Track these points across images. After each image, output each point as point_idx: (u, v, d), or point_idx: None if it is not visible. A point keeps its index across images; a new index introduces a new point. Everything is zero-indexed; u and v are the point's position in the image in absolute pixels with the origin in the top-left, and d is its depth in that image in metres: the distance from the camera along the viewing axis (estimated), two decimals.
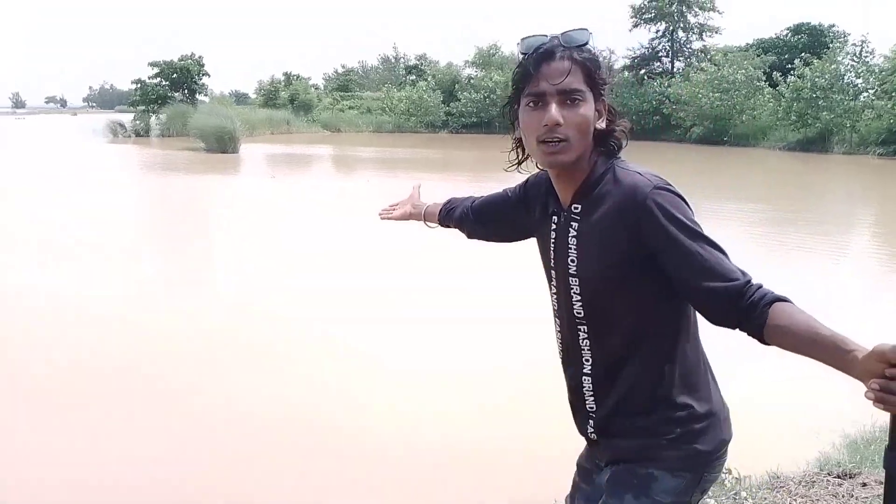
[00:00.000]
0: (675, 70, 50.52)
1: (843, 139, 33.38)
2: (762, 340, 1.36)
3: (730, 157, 32.40)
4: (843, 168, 28.59)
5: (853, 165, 29.10)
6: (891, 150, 30.72)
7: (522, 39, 1.50)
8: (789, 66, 37.21)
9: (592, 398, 1.64)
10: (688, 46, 51.99)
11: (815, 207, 17.69)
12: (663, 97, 44.14)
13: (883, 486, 3.03)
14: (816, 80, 34.32)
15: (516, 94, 1.55)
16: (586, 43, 1.51)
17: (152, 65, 44.00)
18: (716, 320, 1.43)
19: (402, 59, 64.41)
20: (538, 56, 1.48)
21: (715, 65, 41.18)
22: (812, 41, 43.87)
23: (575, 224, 1.57)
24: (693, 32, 51.34)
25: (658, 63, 52.32)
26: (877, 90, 33.77)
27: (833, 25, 45.81)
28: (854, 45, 36.55)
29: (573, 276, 1.57)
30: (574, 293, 1.57)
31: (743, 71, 39.27)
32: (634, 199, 1.46)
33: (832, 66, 34.38)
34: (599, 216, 1.52)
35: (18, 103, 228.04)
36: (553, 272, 1.64)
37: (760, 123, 38.56)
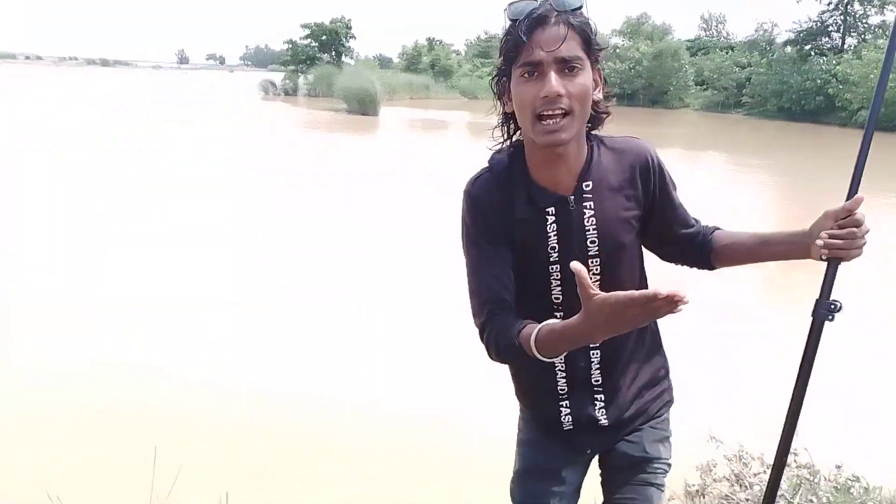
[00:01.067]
0: (845, 47, 46.22)
1: None
2: (710, 267, 1.61)
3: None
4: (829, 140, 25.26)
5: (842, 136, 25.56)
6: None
7: (510, 4, 1.37)
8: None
9: (600, 383, 1.59)
10: (863, 21, 47.28)
11: None
12: (830, 76, 40.54)
13: None
14: None
15: (506, 65, 1.41)
16: (580, 7, 1.38)
17: (304, 26, 46.00)
18: (679, 261, 1.66)
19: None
20: (531, 22, 1.33)
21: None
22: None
23: (590, 204, 1.47)
24: (872, 5, 46.57)
25: (827, 38, 48.05)
26: None
27: None
28: None
29: (594, 257, 1.49)
30: (594, 274, 1.49)
31: None
32: (645, 158, 1.52)
33: None
34: (615, 188, 1.49)
35: (183, 59, 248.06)
36: (557, 265, 1.48)
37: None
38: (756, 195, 15.38)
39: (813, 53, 45.62)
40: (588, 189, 1.46)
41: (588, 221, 1.46)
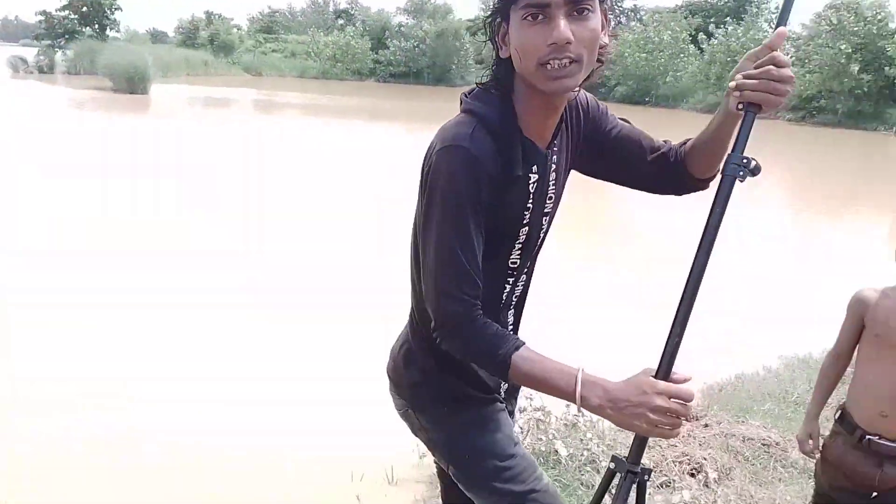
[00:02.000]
0: None
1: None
2: (693, 179, 1.46)
3: (652, 118, 32.97)
4: (756, 132, 29.52)
5: (765, 130, 29.97)
6: (800, 116, 32.03)
7: None
8: (718, 28, 37.94)
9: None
10: (619, 4, 52.31)
11: None
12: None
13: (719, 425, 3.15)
14: (731, 44, 35.24)
15: (505, 4, 1.23)
16: None
17: None
18: (663, 187, 1.52)
19: (331, 3, 62.56)
20: None
21: (643, 24, 41.69)
22: (738, 5, 44.81)
23: (554, 161, 1.40)
24: None
25: None
26: (792, 56, 34.94)
27: None
28: (772, 12, 37.63)
29: (548, 214, 1.45)
30: (542, 233, 1.46)
31: (669, 32, 39.90)
32: (592, 101, 1.48)
33: (750, 32, 35.31)
34: (572, 136, 1.45)
35: None
36: (526, 227, 1.40)
37: (682, 85, 39.41)
38: None
39: None
40: (556, 147, 1.39)
41: (552, 178, 1.40)
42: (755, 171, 1.22)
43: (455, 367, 1.46)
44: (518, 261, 1.43)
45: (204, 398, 3.98)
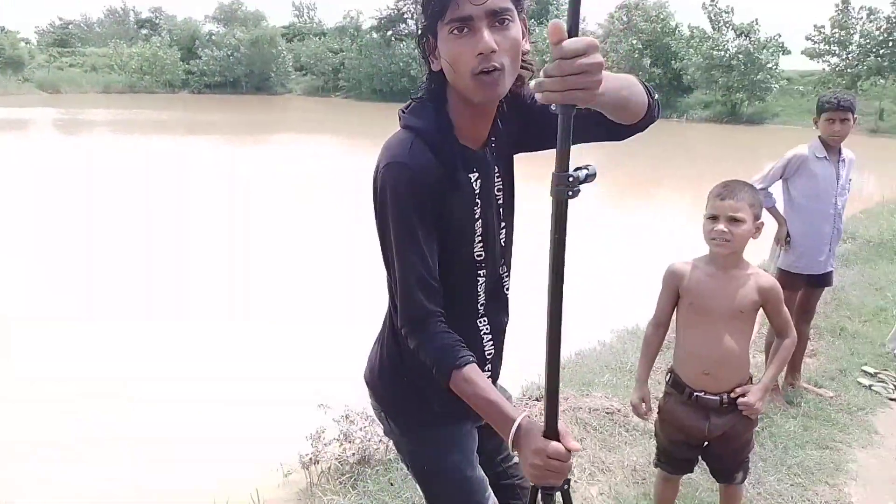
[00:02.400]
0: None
1: None
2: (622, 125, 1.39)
3: None
4: None
5: None
6: None
7: None
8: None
9: (491, 342, 1.58)
10: None
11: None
12: (411, 59, 45.33)
13: (566, 400, 3.35)
14: (538, 45, 37.44)
15: (432, 21, 1.29)
16: None
17: None
18: (606, 135, 1.43)
19: (131, 12, 58.70)
20: None
21: None
22: (540, 7, 47.61)
23: (493, 157, 1.47)
24: None
25: (404, 25, 53.43)
26: None
27: None
28: None
29: (500, 205, 1.51)
30: (501, 224, 1.51)
31: None
32: (522, 93, 1.43)
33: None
34: (508, 130, 1.47)
35: None
36: (480, 220, 1.45)
37: None
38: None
39: (394, 39, 50.31)
40: (494, 146, 1.46)
41: (496, 172, 1.47)
42: (588, 179, 1.15)
43: (427, 381, 1.45)
44: (483, 253, 1.49)
45: None
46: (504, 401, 1.31)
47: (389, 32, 51.13)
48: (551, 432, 1.25)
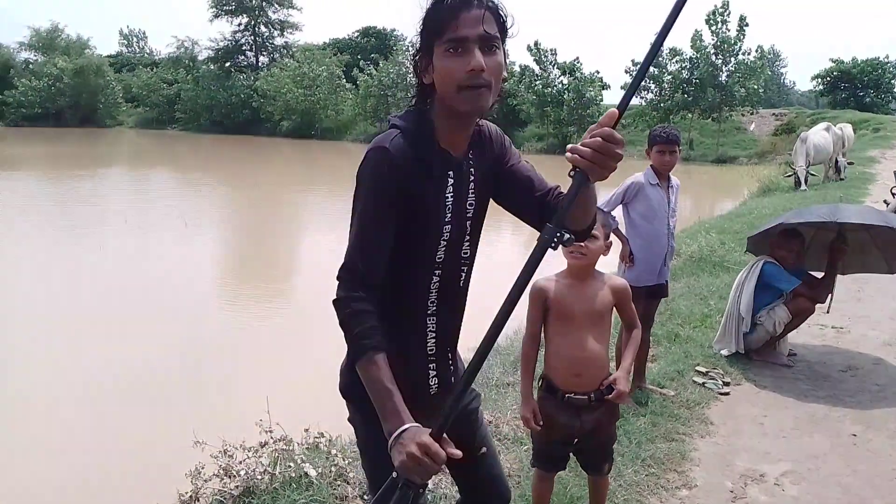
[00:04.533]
0: (260, 64, 51.17)
1: None
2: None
3: (319, 150, 34.18)
4: None
5: None
6: None
7: None
8: (363, 65, 40.66)
9: (434, 340, 1.70)
10: (270, 42, 53.08)
11: None
12: (251, 91, 44.46)
13: None
14: (383, 78, 38.26)
15: (429, 40, 1.49)
16: None
17: None
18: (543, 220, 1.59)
19: None
20: (456, 2, 1.46)
21: (297, 61, 42.91)
22: (379, 43, 48.60)
23: (472, 171, 1.65)
24: (274, 27, 52.57)
25: (243, 56, 52.39)
26: None
27: (394, 30, 51.44)
28: (414, 47, 41.66)
29: (470, 219, 1.66)
30: (466, 237, 1.67)
31: (324, 68, 41.67)
32: (500, 134, 1.74)
33: (396, 67, 38.64)
34: (486, 158, 1.68)
35: None
36: (448, 225, 1.61)
37: (344, 118, 41.46)
38: (216, 207, 15.98)
39: (233, 70, 49.12)
40: (472, 159, 1.64)
41: (471, 185, 1.64)
42: (567, 242, 1.35)
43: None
44: (443, 256, 1.63)
45: None
46: (401, 399, 1.44)
47: (228, 63, 49.89)
48: (437, 434, 1.36)
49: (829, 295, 4.58)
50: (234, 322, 7.17)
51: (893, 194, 8.66)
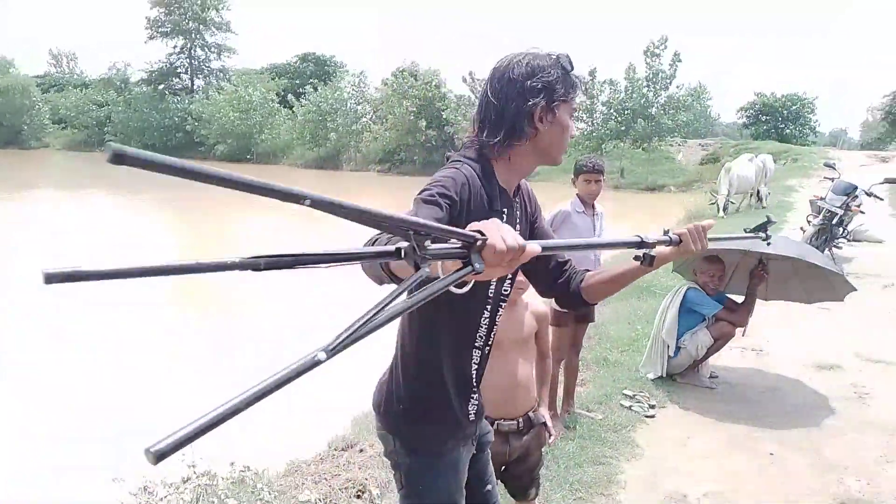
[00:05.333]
0: (195, 87, 50.35)
1: (350, 158, 37.86)
2: (581, 300, 1.82)
3: (256, 174, 33.29)
4: (353, 182, 32.39)
5: (360, 180, 33.20)
6: (387, 167, 35.99)
7: (568, 56, 1.67)
8: (301, 90, 40.43)
9: (475, 377, 1.80)
10: (206, 65, 52.32)
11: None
12: (186, 114, 43.66)
13: (372, 447, 3.46)
14: (321, 104, 38.19)
15: (559, 97, 1.63)
16: None
17: None
18: (552, 292, 1.88)
19: None
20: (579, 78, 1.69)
21: (234, 85, 42.44)
22: (318, 69, 48.48)
23: (518, 214, 1.75)
24: (211, 51, 51.90)
25: (177, 79, 51.46)
26: (372, 116, 39.17)
27: (333, 56, 51.40)
28: (353, 75, 41.79)
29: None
30: (510, 275, 1.67)
31: (259, 92, 41.32)
32: (533, 193, 1.87)
33: (336, 93, 38.64)
34: (525, 210, 1.80)
35: None
36: None
37: (280, 142, 41.09)
38: (155, 225, 15.54)
39: (168, 93, 48.19)
40: (518, 204, 1.75)
41: (517, 224, 1.73)
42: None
43: (431, 407, 1.71)
44: (493, 291, 1.72)
45: None
46: None
47: (162, 86, 48.92)
48: None
49: (748, 318, 4.76)
50: (157, 348, 6.96)
51: (809, 222, 9.08)
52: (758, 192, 14.50)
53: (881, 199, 9.95)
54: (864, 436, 4.04)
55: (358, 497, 3.21)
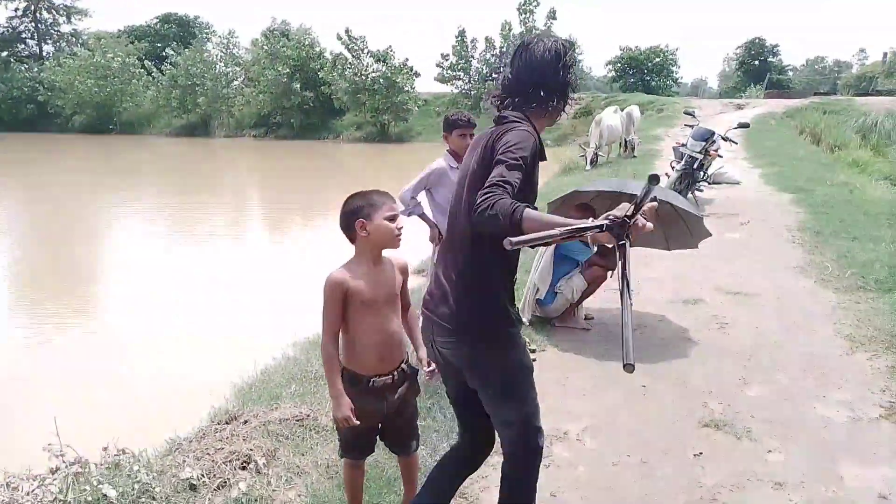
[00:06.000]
0: (44, 54, 46.31)
1: (223, 123, 36.23)
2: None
3: (119, 146, 31.61)
4: (226, 150, 31.08)
5: (235, 147, 31.91)
6: (262, 132, 34.75)
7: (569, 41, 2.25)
8: (163, 53, 38.09)
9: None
10: (55, 29, 48.19)
11: (217, 189, 18.78)
12: (36, 83, 40.11)
13: (256, 417, 3.38)
14: (189, 68, 36.15)
15: (570, 87, 2.25)
16: None
17: None
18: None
19: None
20: None
21: (89, 50, 39.35)
22: (182, 31, 45.82)
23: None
24: (59, 13, 47.77)
25: (23, 46, 47.14)
26: (243, 79, 37.55)
27: (198, 17, 48.74)
28: (221, 36, 39.75)
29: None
30: None
31: (119, 57, 38.55)
32: None
33: (203, 56, 36.66)
34: None
35: None
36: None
37: (144, 111, 38.69)
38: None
39: (12, 61, 44.10)
40: None
41: None
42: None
43: (504, 303, 2.19)
44: None
45: None
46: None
47: (6, 53, 44.64)
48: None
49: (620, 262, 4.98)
50: (14, 341, 6.48)
51: (673, 168, 9.59)
52: (625, 142, 15.16)
53: (735, 143, 10.65)
54: (724, 362, 4.37)
55: (243, 468, 3.13)
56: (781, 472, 3.13)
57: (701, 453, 3.29)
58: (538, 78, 2.18)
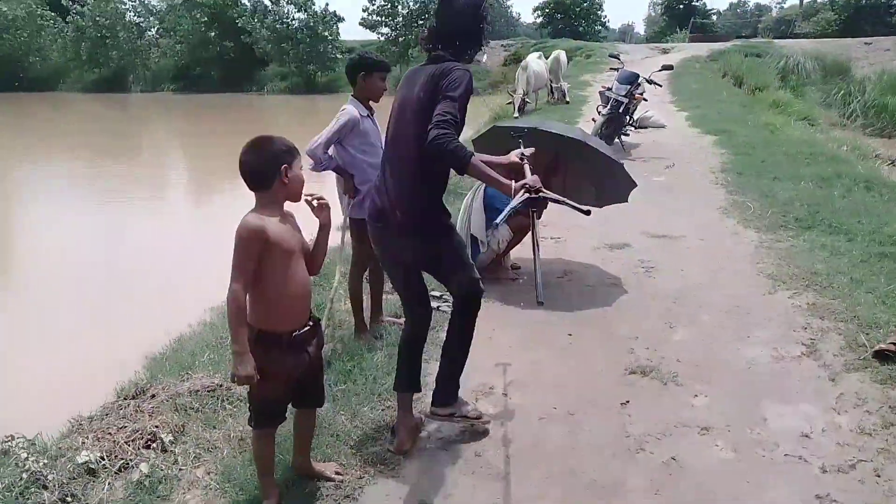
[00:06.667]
0: None
1: (139, 78, 34.40)
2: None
3: (29, 104, 29.63)
4: (143, 106, 29.57)
5: (152, 102, 30.38)
6: (182, 86, 33.18)
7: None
8: (68, 3, 35.62)
9: None
10: None
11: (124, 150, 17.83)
12: None
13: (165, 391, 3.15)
14: (98, 18, 33.97)
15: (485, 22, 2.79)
16: None
17: None
18: None
19: None
20: None
21: None
22: None
23: None
24: None
25: None
26: (158, 29, 35.59)
27: None
28: None
29: None
30: None
31: (22, 6, 35.82)
32: None
33: (111, 5, 34.49)
34: None
35: None
36: None
37: (54, 65, 36.34)
38: None
39: None
40: None
41: None
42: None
43: (443, 203, 2.84)
44: None
45: None
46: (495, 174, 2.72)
47: None
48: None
49: (543, 209, 4.86)
50: None
51: (599, 112, 9.54)
52: (552, 88, 15.03)
53: (660, 86, 10.64)
54: (649, 307, 4.34)
55: (147, 447, 2.91)
56: (707, 416, 3.11)
57: (628, 402, 3.25)
58: (460, 28, 2.70)
